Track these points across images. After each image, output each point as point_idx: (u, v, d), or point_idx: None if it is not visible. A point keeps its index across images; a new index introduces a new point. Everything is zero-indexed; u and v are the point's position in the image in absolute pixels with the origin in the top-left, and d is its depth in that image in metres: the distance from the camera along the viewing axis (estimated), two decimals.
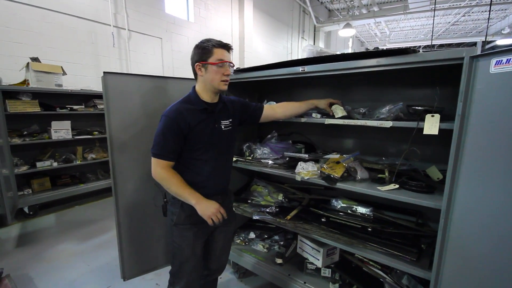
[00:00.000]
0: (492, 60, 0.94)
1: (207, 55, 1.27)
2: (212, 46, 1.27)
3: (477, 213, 1.03)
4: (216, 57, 1.26)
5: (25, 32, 3.46)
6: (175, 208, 1.35)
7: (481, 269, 1.04)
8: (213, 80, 1.28)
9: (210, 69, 1.27)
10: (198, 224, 1.35)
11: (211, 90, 1.33)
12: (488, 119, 0.97)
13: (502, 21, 8.99)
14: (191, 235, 1.36)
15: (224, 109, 1.44)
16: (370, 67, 1.31)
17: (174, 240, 1.37)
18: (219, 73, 1.28)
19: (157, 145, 1.26)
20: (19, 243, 2.72)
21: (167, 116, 1.25)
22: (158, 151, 1.26)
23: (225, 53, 1.29)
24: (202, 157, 1.33)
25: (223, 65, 1.28)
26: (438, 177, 1.44)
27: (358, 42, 12.82)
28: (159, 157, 1.26)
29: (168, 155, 1.27)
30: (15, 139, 3.10)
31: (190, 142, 1.29)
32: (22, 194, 3.24)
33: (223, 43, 1.30)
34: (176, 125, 1.24)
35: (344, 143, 2.04)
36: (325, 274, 1.79)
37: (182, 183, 1.28)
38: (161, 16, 5.06)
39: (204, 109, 1.31)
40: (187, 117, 1.26)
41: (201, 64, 1.28)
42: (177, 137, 1.26)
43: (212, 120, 1.34)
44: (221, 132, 1.38)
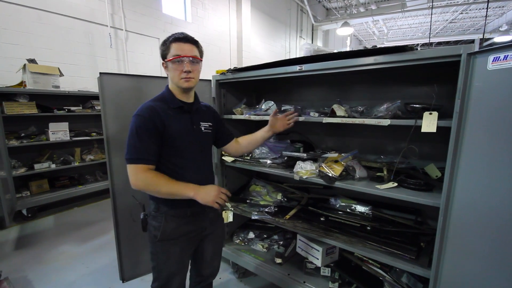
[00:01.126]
0: (490, 56, 0.93)
1: (166, 52, 1.18)
2: (169, 41, 1.17)
3: (475, 210, 1.03)
4: (172, 53, 1.16)
5: (21, 33, 3.44)
6: (158, 222, 1.22)
7: (480, 266, 1.04)
8: (174, 78, 1.19)
9: (170, 67, 1.18)
10: (186, 235, 1.26)
11: (177, 89, 1.23)
12: (486, 116, 0.97)
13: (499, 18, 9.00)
14: (178, 250, 1.25)
15: (202, 110, 1.36)
16: (368, 65, 1.30)
17: (159, 256, 1.25)
18: (178, 69, 1.17)
19: (133, 148, 1.12)
20: (17, 245, 2.71)
21: (139, 115, 1.13)
22: (135, 155, 1.12)
23: (184, 47, 1.16)
24: (182, 161, 1.23)
25: (180, 60, 1.16)
26: (436, 175, 1.44)
27: (356, 41, 12.82)
28: (138, 161, 1.12)
29: (148, 158, 1.13)
30: (13, 141, 3.09)
31: (166, 144, 1.18)
32: (20, 196, 3.22)
33: (178, 36, 1.17)
34: (151, 123, 1.12)
35: (342, 141, 2.03)
36: (324, 273, 1.79)
37: (170, 181, 1.15)
38: (159, 16, 5.05)
39: (179, 107, 1.22)
40: (162, 115, 1.15)
41: (164, 62, 1.20)
42: (154, 137, 1.14)
43: (189, 120, 1.25)
44: (200, 133, 1.29)
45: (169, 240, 1.23)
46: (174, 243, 1.24)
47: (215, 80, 1.98)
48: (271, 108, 1.93)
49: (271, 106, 1.93)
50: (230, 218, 2.05)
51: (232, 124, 2.17)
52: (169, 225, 1.22)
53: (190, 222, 1.27)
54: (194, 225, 1.29)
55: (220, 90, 2.04)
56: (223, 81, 1.97)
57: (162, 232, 1.21)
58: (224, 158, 2.04)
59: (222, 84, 2.02)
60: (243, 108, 2.02)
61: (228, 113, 2.06)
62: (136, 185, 1.13)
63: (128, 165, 1.13)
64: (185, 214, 1.25)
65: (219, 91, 2.02)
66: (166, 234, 1.21)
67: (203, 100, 2.05)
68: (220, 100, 2.05)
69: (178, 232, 1.24)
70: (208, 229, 1.35)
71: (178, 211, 1.23)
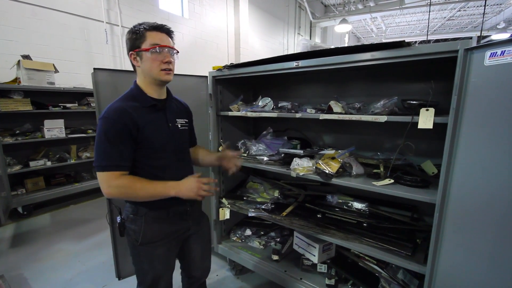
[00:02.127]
0: (487, 52, 0.93)
1: (139, 41, 1.07)
2: (144, 29, 1.07)
3: (471, 207, 1.03)
4: (149, 42, 1.07)
5: (15, 29, 3.39)
6: (137, 225, 1.15)
7: (475, 262, 1.04)
8: (151, 70, 1.09)
9: (145, 57, 1.08)
10: (169, 236, 1.20)
11: (153, 83, 1.13)
12: (482, 112, 0.96)
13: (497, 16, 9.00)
14: (162, 252, 1.18)
15: (177, 107, 1.28)
16: (365, 61, 1.29)
17: (142, 260, 1.18)
18: (157, 60, 1.08)
19: (103, 154, 1.02)
20: (13, 243, 2.69)
21: (107, 117, 1.03)
22: (106, 161, 1.02)
23: (163, 37, 1.10)
24: (161, 162, 1.15)
25: (160, 50, 1.07)
26: (433, 171, 1.44)
27: (354, 38, 12.79)
28: (110, 168, 1.03)
29: (121, 164, 1.04)
30: (7, 138, 3.06)
31: (142, 147, 1.10)
32: (15, 194, 3.20)
33: (158, 24, 1.10)
34: (122, 125, 1.03)
35: (339, 138, 2.03)
36: (321, 269, 1.79)
37: (147, 183, 1.07)
38: (155, 12, 4.99)
39: (152, 106, 1.13)
40: (133, 115, 1.05)
41: (135, 52, 1.09)
42: (127, 140, 1.04)
43: (164, 118, 1.16)
44: (178, 131, 1.22)
45: (151, 243, 1.16)
46: (157, 246, 1.17)
47: (212, 77, 1.96)
48: (267, 104, 1.92)
49: (268, 103, 1.92)
50: (227, 215, 2.05)
51: (229, 120, 2.15)
52: (150, 227, 1.15)
53: (172, 223, 1.21)
54: (177, 225, 1.23)
55: (217, 87, 2.02)
56: (220, 78, 1.95)
57: (143, 236, 1.14)
58: None
59: (218, 80, 2.01)
60: (240, 105, 2.00)
61: (225, 109, 2.05)
62: (109, 194, 1.05)
63: (99, 173, 1.04)
64: (167, 214, 1.18)
65: (216, 87, 2.01)
66: (147, 238, 1.15)
67: (201, 97, 2.07)
68: (217, 96, 2.03)
69: (160, 234, 1.17)
70: (192, 229, 1.30)
71: (159, 212, 1.16)
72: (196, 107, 1.44)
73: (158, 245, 1.17)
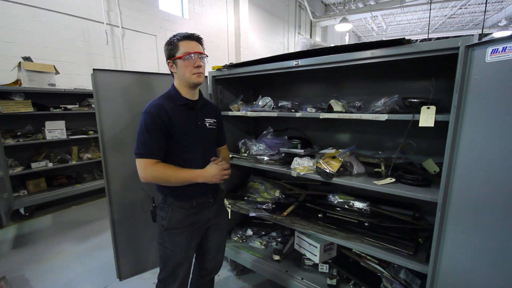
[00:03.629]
0: (488, 49, 0.92)
1: (174, 51, 1.24)
2: (177, 40, 1.23)
3: (473, 206, 1.02)
4: (182, 51, 1.22)
5: (16, 31, 3.40)
6: (165, 212, 1.30)
7: (478, 262, 1.03)
8: (185, 74, 1.24)
9: (180, 64, 1.24)
10: (191, 225, 1.31)
11: (187, 86, 1.29)
12: (484, 110, 0.95)
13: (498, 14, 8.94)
14: (184, 239, 1.31)
15: (207, 107, 1.41)
16: (365, 59, 1.29)
17: (166, 245, 1.30)
18: (189, 66, 1.23)
19: (143, 144, 1.19)
20: (15, 244, 2.70)
21: (148, 112, 1.20)
22: (144, 149, 1.19)
23: (193, 44, 1.24)
24: (188, 156, 1.29)
25: (190, 57, 1.22)
26: (434, 170, 1.43)
27: (355, 37, 12.75)
28: (147, 156, 1.19)
29: (156, 153, 1.21)
30: (9, 140, 3.06)
31: (173, 140, 1.24)
32: (17, 195, 3.20)
33: (187, 34, 1.25)
34: (160, 120, 1.19)
35: (340, 137, 2.02)
36: (322, 269, 1.78)
37: (177, 170, 1.23)
38: (155, 13, 4.99)
39: (184, 104, 1.28)
40: (169, 112, 1.22)
41: (171, 61, 1.26)
42: (162, 133, 1.20)
43: (194, 117, 1.31)
44: (205, 129, 1.35)
45: (175, 229, 1.28)
46: (180, 233, 1.29)
47: (211, 76, 1.95)
48: (268, 104, 1.91)
49: (268, 102, 1.92)
50: (228, 215, 2.04)
51: (230, 120, 2.15)
52: (176, 215, 1.28)
53: (195, 213, 1.32)
54: (199, 215, 1.34)
55: (217, 87, 2.02)
56: (220, 77, 1.95)
57: (169, 222, 1.27)
58: None
59: (218, 80, 2.00)
60: (240, 105, 2.00)
61: (225, 109, 2.04)
62: (146, 178, 1.20)
63: (137, 159, 1.19)
64: (191, 205, 1.30)
65: (216, 87, 2.00)
66: (172, 224, 1.28)
67: None
68: (217, 96, 2.03)
69: (184, 222, 1.29)
70: (212, 220, 1.40)
71: (184, 203, 1.29)
72: None
73: (180, 232, 1.30)
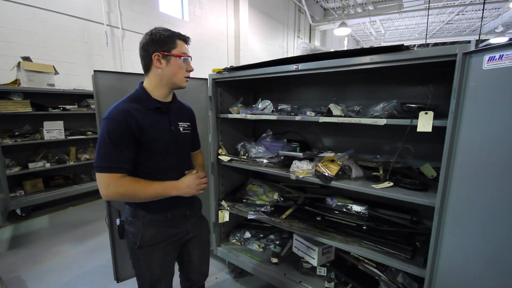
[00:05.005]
0: (485, 56, 0.93)
1: (170, 46, 1.09)
2: (175, 37, 1.11)
3: (471, 210, 1.03)
4: (180, 50, 1.11)
5: (16, 31, 3.40)
6: (135, 228, 1.14)
7: (475, 266, 1.04)
8: (175, 75, 1.13)
9: (174, 62, 1.11)
10: (167, 240, 1.19)
11: (168, 86, 1.15)
12: (481, 116, 0.97)
13: (495, 20, 9.07)
14: (160, 256, 1.17)
15: (180, 110, 1.28)
16: (364, 64, 1.30)
17: (140, 264, 1.17)
18: (183, 68, 1.14)
19: (105, 156, 1.01)
20: (11, 245, 2.68)
21: (112, 118, 1.02)
22: (108, 163, 1.01)
23: (187, 47, 1.16)
24: (162, 165, 1.16)
25: (188, 59, 1.15)
26: (432, 174, 1.44)
27: (353, 41, 12.85)
28: (110, 170, 1.01)
29: (122, 166, 1.03)
30: (7, 140, 3.05)
31: (144, 149, 1.09)
32: (14, 195, 3.18)
33: (185, 36, 1.15)
34: (126, 127, 1.02)
35: (338, 141, 2.03)
36: (320, 273, 1.78)
37: (147, 184, 1.07)
38: (156, 15, 5.01)
39: (156, 108, 1.13)
40: (137, 117, 1.05)
41: (160, 54, 1.09)
42: (130, 142, 1.04)
43: (167, 121, 1.17)
44: (180, 134, 1.22)
45: (149, 247, 1.15)
46: (155, 249, 1.16)
47: (212, 79, 1.96)
48: (267, 107, 1.92)
49: (267, 105, 1.93)
50: (226, 217, 2.04)
51: (229, 123, 2.16)
52: (148, 230, 1.15)
53: (171, 226, 1.20)
54: (176, 228, 1.23)
55: (217, 89, 2.03)
56: (220, 80, 1.96)
57: (141, 239, 1.13)
58: (221, 157, 2.03)
59: (218, 83, 2.01)
60: (239, 107, 2.01)
61: (225, 112, 2.05)
62: (108, 196, 1.03)
63: (98, 174, 1.02)
64: (165, 218, 1.18)
65: (216, 90, 2.01)
66: (145, 241, 1.14)
67: (200, 100, 2.07)
68: (217, 99, 2.04)
69: (159, 237, 1.17)
70: (191, 233, 1.29)
71: (157, 215, 1.16)
72: (196, 109, 1.44)
73: (156, 249, 1.16)
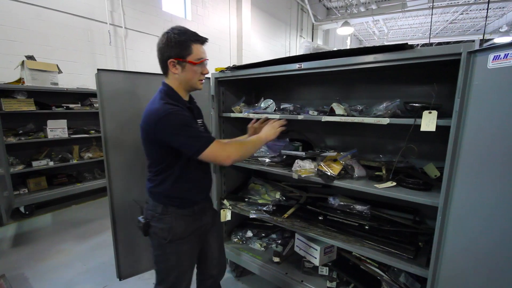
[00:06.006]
0: (490, 55, 0.92)
1: (185, 52, 1.12)
2: (190, 42, 1.12)
3: (474, 210, 1.02)
4: (196, 56, 1.13)
5: (20, 30, 3.42)
6: (166, 223, 1.21)
7: (479, 267, 1.03)
8: (191, 79, 1.17)
9: (189, 68, 1.14)
10: (194, 233, 1.28)
11: (186, 89, 1.21)
12: (485, 115, 0.96)
13: (500, 19, 8.98)
14: (189, 248, 1.27)
15: (197, 108, 1.35)
16: (368, 63, 1.29)
17: (168, 257, 1.23)
18: (198, 72, 1.17)
19: (196, 135, 1.09)
20: (14, 243, 2.70)
21: (173, 112, 1.07)
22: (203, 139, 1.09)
23: (203, 49, 1.18)
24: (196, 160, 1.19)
25: (204, 64, 1.18)
26: (435, 174, 1.43)
27: (356, 41, 12.80)
28: (209, 139, 1.09)
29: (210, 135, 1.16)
30: (10, 138, 3.07)
31: None
32: (18, 193, 3.21)
33: (202, 38, 1.16)
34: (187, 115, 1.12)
35: (341, 140, 2.02)
36: (322, 272, 1.78)
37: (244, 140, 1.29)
38: (158, 14, 5.03)
39: (187, 107, 1.20)
40: None
41: (176, 61, 1.12)
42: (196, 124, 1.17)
43: (193, 118, 1.23)
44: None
45: (179, 240, 1.23)
46: (184, 242, 1.25)
47: (214, 78, 1.96)
48: (270, 106, 1.92)
49: (270, 105, 1.93)
50: (228, 216, 2.04)
51: (231, 122, 2.16)
52: (180, 224, 1.22)
53: (197, 219, 1.29)
54: (200, 221, 1.32)
55: (219, 88, 2.03)
56: (222, 79, 1.96)
57: (173, 233, 1.21)
58: None
59: (221, 82, 2.01)
60: (242, 106, 2.00)
61: (227, 111, 2.05)
62: (230, 156, 1.14)
63: (208, 150, 1.08)
64: (193, 211, 1.27)
65: (218, 89, 2.01)
66: (176, 234, 1.21)
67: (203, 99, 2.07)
68: (219, 98, 2.04)
69: (188, 230, 1.25)
70: (209, 224, 1.39)
71: (186, 210, 1.25)
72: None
73: (185, 241, 1.25)
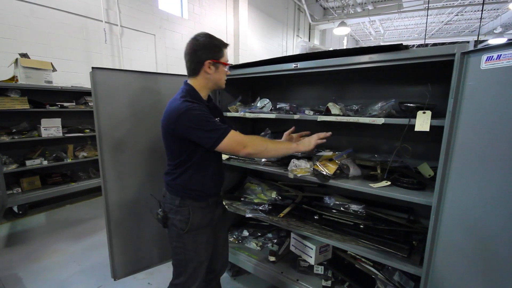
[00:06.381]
0: (483, 56, 0.93)
1: (219, 54, 1.26)
2: (223, 46, 1.28)
3: (467, 209, 1.03)
4: (225, 58, 1.28)
5: (13, 27, 3.37)
6: (183, 215, 1.28)
7: (471, 265, 1.05)
8: (221, 79, 1.31)
9: (221, 69, 1.28)
10: (209, 224, 1.36)
11: (212, 88, 1.33)
12: (478, 116, 0.97)
13: (494, 21, 9.10)
14: (205, 238, 1.35)
15: (215, 107, 1.45)
16: (363, 63, 1.30)
17: (186, 248, 1.30)
18: (225, 73, 1.31)
19: (214, 127, 1.15)
20: (8, 243, 2.67)
21: (192, 108, 1.14)
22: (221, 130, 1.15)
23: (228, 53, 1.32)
24: (210, 156, 1.29)
25: (230, 66, 1.32)
26: (429, 174, 1.45)
27: (353, 41, 12.86)
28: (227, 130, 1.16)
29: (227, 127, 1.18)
30: (4, 137, 3.03)
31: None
32: (11, 193, 3.17)
33: (228, 44, 1.31)
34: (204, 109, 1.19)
35: (337, 140, 2.03)
36: (317, 271, 1.79)
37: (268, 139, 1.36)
38: (155, 13, 4.99)
39: (206, 106, 1.28)
40: None
41: (212, 62, 1.24)
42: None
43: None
44: None
45: (196, 230, 1.30)
46: (201, 232, 1.32)
47: None
48: (266, 106, 1.92)
49: (266, 104, 1.93)
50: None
51: (228, 121, 2.14)
52: (196, 216, 1.29)
53: (210, 211, 1.37)
54: (213, 213, 1.39)
55: None
56: None
57: (191, 224, 1.28)
58: None
59: None
60: (238, 106, 2.00)
61: (224, 110, 2.04)
62: (246, 147, 1.19)
63: (225, 141, 1.15)
64: (207, 204, 1.34)
65: None
66: (194, 225, 1.29)
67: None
68: (215, 97, 2.04)
69: (204, 221, 1.33)
70: (220, 218, 1.48)
71: (202, 202, 1.32)
72: None
73: (202, 232, 1.33)
